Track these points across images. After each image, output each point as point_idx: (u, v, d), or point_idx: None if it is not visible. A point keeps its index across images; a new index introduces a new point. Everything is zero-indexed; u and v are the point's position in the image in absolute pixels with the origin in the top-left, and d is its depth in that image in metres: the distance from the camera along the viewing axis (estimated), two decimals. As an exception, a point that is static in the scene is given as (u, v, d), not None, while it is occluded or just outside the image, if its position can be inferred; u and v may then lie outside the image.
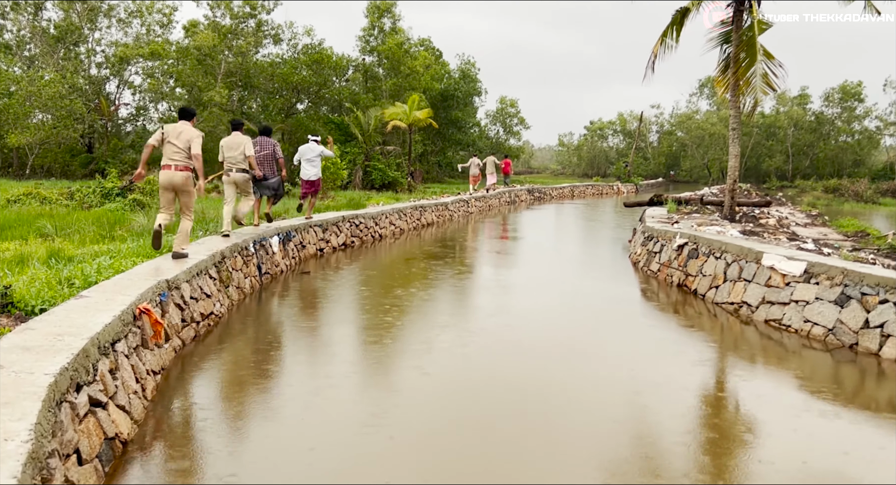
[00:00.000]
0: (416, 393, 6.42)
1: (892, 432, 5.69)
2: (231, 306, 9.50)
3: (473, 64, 50.53)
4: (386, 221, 19.45)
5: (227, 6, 37.56)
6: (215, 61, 36.61)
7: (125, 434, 4.92)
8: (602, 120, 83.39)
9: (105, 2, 37.35)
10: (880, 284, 8.01)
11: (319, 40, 41.79)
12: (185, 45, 36.94)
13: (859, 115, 65.80)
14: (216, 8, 37.71)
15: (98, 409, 4.62)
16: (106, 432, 4.62)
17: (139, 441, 5.07)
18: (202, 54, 35.66)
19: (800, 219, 18.97)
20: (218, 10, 37.75)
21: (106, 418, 4.70)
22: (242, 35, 38.06)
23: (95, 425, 4.50)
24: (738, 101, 15.59)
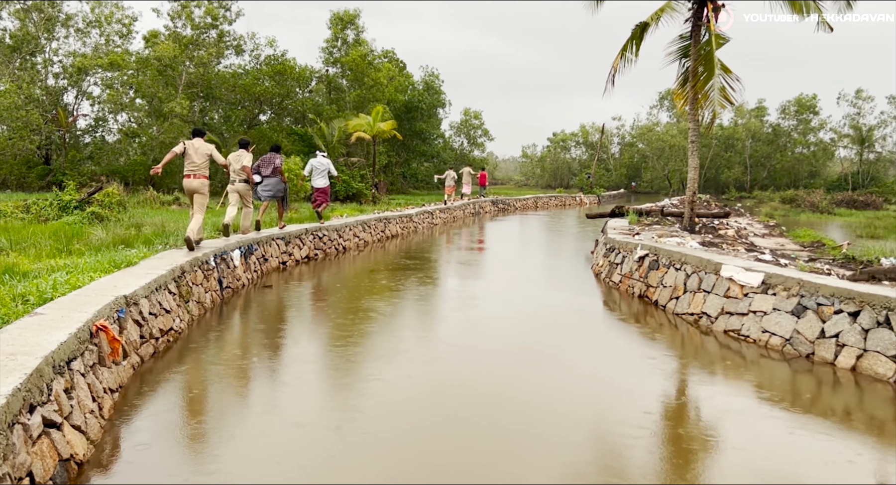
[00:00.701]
0: (381, 405, 6.38)
1: (847, 440, 5.80)
2: (191, 322, 9.37)
3: (437, 76, 50.76)
4: (350, 234, 19.38)
5: (188, 16, 37.23)
6: (176, 72, 36.24)
7: (81, 455, 4.82)
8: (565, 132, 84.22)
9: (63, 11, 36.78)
10: (835, 295, 8.18)
11: (282, 51, 41.67)
12: (145, 56, 36.52)
13: (814, 127, 67.36)
14: (177, 18, 37.38)
15: (52, 430, 4.52)
16: (60, 453, 4.52)
17: (96, 462, 4.96)
18: (163, 65, 35.29)
19: (758, 229, 19.31)
20: (179, 20, 37.43)
21: (60, 438, 4.60)
22: (204, 46, 37.75)
23: (49, 447, 4.40)
24: (696, 113, 15.85)
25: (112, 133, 39.50)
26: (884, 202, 41.91)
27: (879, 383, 7.30)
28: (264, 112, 41.57)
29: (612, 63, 16.62)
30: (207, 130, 37.12)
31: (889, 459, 5.46)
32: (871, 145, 63.33)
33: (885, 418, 6.52)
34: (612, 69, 16.64)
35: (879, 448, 5.68)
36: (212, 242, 12.34)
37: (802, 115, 66.95)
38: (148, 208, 20.34)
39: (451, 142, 59.39)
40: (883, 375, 7.36)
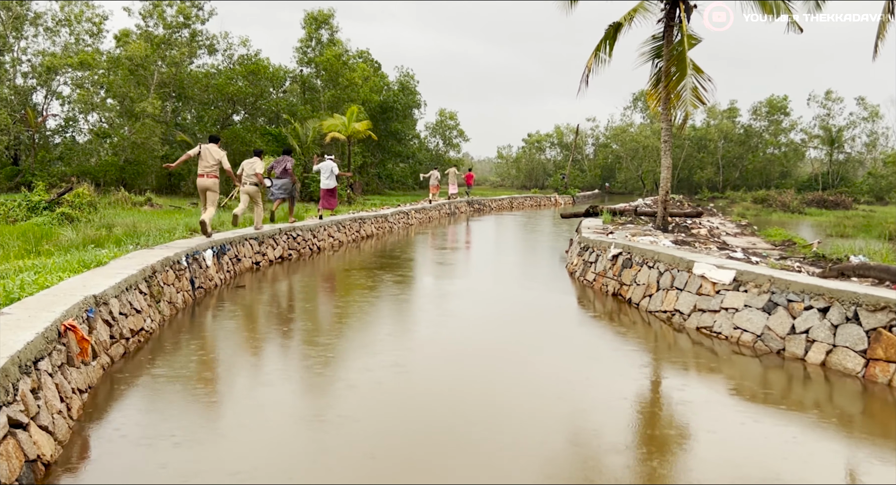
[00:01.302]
0: (355, 405, 6.35)
1: (817, 433, 5.87)
2: (162, 322, 9.27)
3: (412, 76, 50.72)
4: (324, 234, 19.29)
5: (159, 16, 36.87)
6: (148, 71, 35.87)
7: (48, 456, 4.74)
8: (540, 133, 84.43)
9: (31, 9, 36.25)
10: (805, 291, 8.28)
11: (256, 51, 41.41)
12: (116, 55, 36.09)
13: (785, 128, 68.16)
14: (149, 17, 37.01)
15: (18, 430, 4.44)
16: (27, 454, 4.44)
17: (63, 463, 4.89)
18: (134, 64, 34.90)
19: (730, 229, 19.50)
20: (150, 19, 37.06)
21: (27, 439, 4.52)
22: (176, 45, 37.40)
23: (15, 447, 4.32)
24: (669, 114, 15.97)
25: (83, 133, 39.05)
26: (853, 202, 42.54)
27: (848, 377, 7.39)
28: (238, 112, 41.28)
29: (586, 63, 16.70)
30: (180, 130, 36.80)
31: (858, 453, 5.54)
32: (840, 146, 64.24)
33: (854, 412, 6.61)
34: (585, 69, 16.71)
35: (850, 443, 5.75)
36: (183, 241, 12.22)
37: (774, 116, 67.74)
38: (119, 209, 20.09)
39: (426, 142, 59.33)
40: (852, 370, 7.46)
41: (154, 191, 31.34)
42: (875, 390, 7.00)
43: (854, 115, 63.89)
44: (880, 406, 6.70)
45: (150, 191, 29.59)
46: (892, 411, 6.57)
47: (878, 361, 7.27)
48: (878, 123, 64.27)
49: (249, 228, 15.70)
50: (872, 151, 64.90)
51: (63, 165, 34.28)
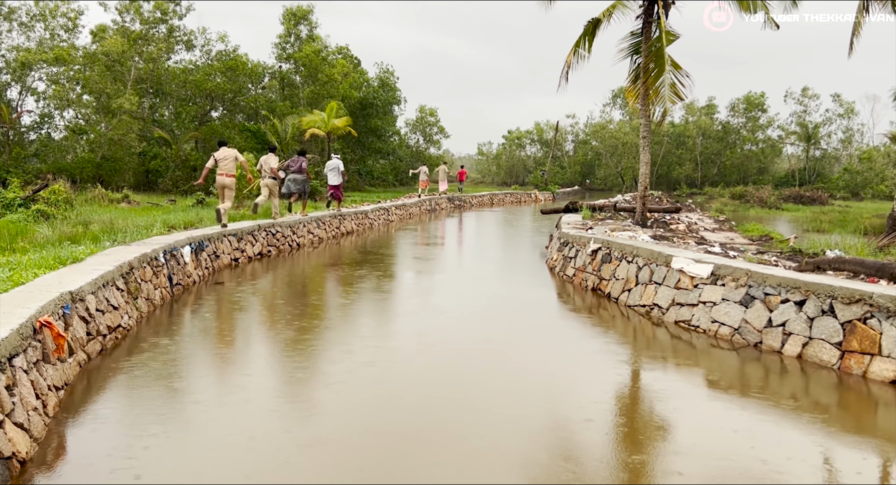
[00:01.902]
0: (334, 402, 6.34)
1: (794, 424, 5.94)
2: (140, 319, 9.19)
3: (392, 73, 50.50)
4: (304, 230, 19.21)
5: (136, 11, 36.49)
6: (125, 67, 35.50)
7: (23, 453, 4.69)
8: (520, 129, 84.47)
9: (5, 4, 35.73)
10: (781, 285, 8.36)
11: (234, 47, 41.09)
12: (92, 51, 35.65)
13: (763, 124, 68.69)
14: (125, 13, 36.61)
15: (-7, 427, 4.39)
16: (2, 451, 4.40)
17: (39, 460, 4.83)
18: (111, 60, 34.52)
19: (708, 224, 19.65)
20: (127, 14, 36.65)
21: (2, 436, 4.47)
22: (153, 41, 37.02)
23: (-10, 445, 4.27)
24: (648, 110, 16.05)
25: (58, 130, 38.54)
26: (829, 198, 42.95)
27: (824, 369, 7.48)
28: (216, 108, 40.93)
29: (566, 60, 16.74)
30: (157, 127, 36.46)
31: (834, 442, 5.61)
32: (816, 142, 64.88)
33: (830, 403, 6.69)
34: (565, 65, 16.75)
35: (826, 433, 5.82)
36: (161, 238, 12.12)
37: (751, 113, 68.22)
38: (96, 206, 19.86)
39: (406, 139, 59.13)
40: (827, 362, 7.55)
41: (131, 188, 31.04)
42: (850, 382, 7.09)
43: (830, 112, 64.57)
44: (855, 397, 6.79)
45: (127, 188, 29.31)
46: (866, 402, 6.66)
47: (853, 353, 7.36)
48: (854, 120, 65.04)
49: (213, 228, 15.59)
50: (848, 148, 65.63)
51: (38, 162, 33.82)
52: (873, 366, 7.13)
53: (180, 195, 29.39)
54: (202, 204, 21.89)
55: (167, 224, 14.11)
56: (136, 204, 22.37)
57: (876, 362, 7.12)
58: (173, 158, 33.77)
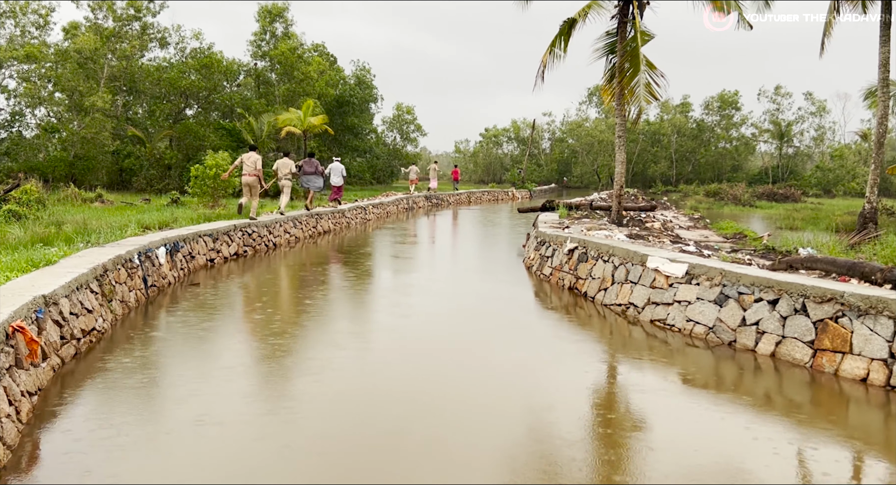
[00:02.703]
0: (312, 404, 6.33)
1: (767, 422, 6.02)
2: (115, 321, 9.11)
3: (369, 70, 50.37)
4: (280, 230, 19.12)
5: (109, 8, 36.04)
6: (97, 65, 35.07)
7: (-4, 461, 4.63)
8: (497, 127, 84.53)
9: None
10: (755, 284, 8.47)
11: (209, 44, 40.74)
12: (64, 48, 35.17)
13: (736, 122, 69.42)
14: (98, 9, 36.15)
15: (-35, 435, 4.33)
16: (-26, 459, 4.34)
17: (13, 468, 4.78)
18: (83, 57, 34.09)
19: (683, 222, 19.83)
20: (100, 11, 36.20)
21: (-26, 444, 4.41)
22: (126, 38, 36.60)
23: (-38, 453, 4.21)
24: (623, 109, 16.17)
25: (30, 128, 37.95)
26: (802, 195, 43.52)
27: (797, 367, 7.59)
28: (190, 106, 40.56)
29: (542, 59, 16.79)
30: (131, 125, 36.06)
31: (806, 439, 5.69)
32: (789, 140, 65.73)
33: (802, 401, 6.79)
34: (541, 65, 16.81)
35: (798, 430, 5.90)
36: (136, 239, 12.00)
37: (725, 111, 68.90)
38: (69, 206, 19.64)
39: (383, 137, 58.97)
40: (800, 360, 7.66)
41: (105, 187, 30.69)
42: (822, 380, 7.20)
43: (802, 110, 65.45)
44: (827, 395, 6.90)
45: (100, 187, 28.99)
46: (837, 400, 6.77)
47: (824, 352, 7.48)
48: (826, 118, 66.04)
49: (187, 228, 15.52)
50: (820, 145, 66.56)
51: (9, 161, 33.32)
52: (844, 364, 7.24)
53: (155, 194, 29.13)
54: (177, 203, 21.71)
55: (142, 224, 13.98)
56: (109, 203, 22.14)
57: (847, 361, 7.23)
58: (147, 156, 33.45)
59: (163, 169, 33.59)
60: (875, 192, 16.06)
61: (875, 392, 6.78)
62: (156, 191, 30.76)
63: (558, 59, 16.79)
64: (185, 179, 24.13)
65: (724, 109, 68.86)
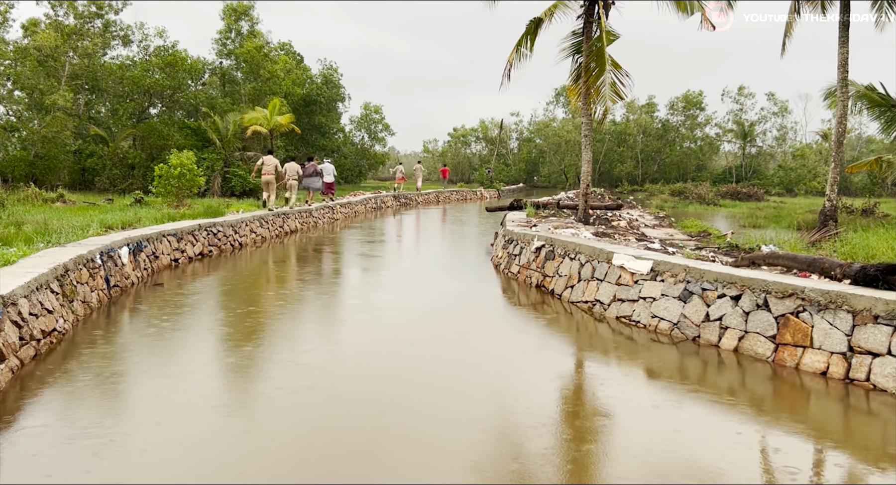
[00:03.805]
0: (280, 405, 6.28)
1: (731, 416, 6.10)
2: (76, 322, 8.95)
3: (336, 69, 50.14)
4: (246, 229, 18.95)
5: (70, 5, 35.40)
6: (58, 63, 34.42)
7: (-49, 464, 4.52)
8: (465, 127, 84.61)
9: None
10: (718, 280, 8.58)
11: (173, 42, 40.17)
12: (23, 45, 34.48)
13: (701, 122, 70.27)
14: (58, 6, 35.48)
15: (-82, 438, 4.22)
16: (-72, 463, 4.23)
17: (-31, 471, 4.67)
18: (43, 55, 33.42)
19: (649, 221, 20.03)
20: (60, 8, 35.52)
21: (-72, 447, 4.30)
22: (88, 36, 35.97)
23: (-85, 457, 4.10)
24: (589, 108, 16.28)
25: (-12, 127, 37.15)
26: (765, 194, 44.20)
27: (759, 362, 7.70)
28: (154, 105, 39.99)
29: (508, 58, 16.86)
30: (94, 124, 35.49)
31: (769, 433, 5.78)
32: (752, 140, 66.74)
33: (765, 395, 6.89)
34: (507, 64, 16.86)
35: (761, 424, 5.99)
36: (98, 239, 11.81)
37: (690, 111, 69.69)
38: (29, 206, 19.25)
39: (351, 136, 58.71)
40: (762, 354, 7.78)
41: (66, 187, 30.16)
42: (784, 374, 7.32)
43: (765, 110, 66.52)
44: (788, 389, 7.01)
45: (62, 187, 28.47)
46: (799, 393, 6.88)
47: (786, 346, 7.60)
48: (788, 118, 67.16)
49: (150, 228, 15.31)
50: (782, 145, 67.66)
51: (-33, 160, 32.61)
52: (805, 358, 7.37)
53: (118, 194, 28.69)
54: (140, 203, 21.41)
55: (104, 224, 13.76)
56: (71, 203, 21.76)
57: (808, 355, 7.36)
58: (110, 155, 32.94)
59: (126, 168, 33.10)
60: (835, 190, 16.36)
61: (835, 385, 6.90)
62: (119, 191, 30.29)
63: (525, 58, 16.86)
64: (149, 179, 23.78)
65: (688, 110, 69.66)
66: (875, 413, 6.26)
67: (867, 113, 21.33)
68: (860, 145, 66.60)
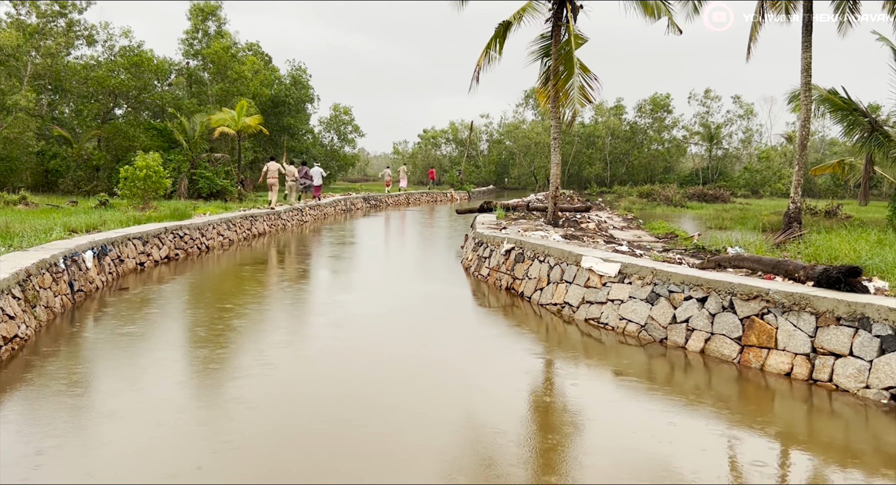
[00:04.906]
0: (247, 406, 6.21)
1: (696, 417, 6.16)
2: (39, 328, 8.78)
3: (305, 70, 49.86)
4: (213, 232, 18.75)
5: (32, 4, 34.80)
6: (20, 63, 33.78)
7: None
8: (435, 128, 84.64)
9: None
10: (685, 282, 8.67)
11: (139, 43, 39.63)
12: (-16, 45, 33.80)
13: (668, 125, 71.07)
14: (20, 5, 34.86)
15: None
16: None
17: (-75, 483, 4.56)
18: (4, 55, 32.77)
19: (617, 222, 20.19)
20: (22, 7, 34.90)
21: None
22: (51, 35, 35.38)
23: None
24: (558, 111, 16.36)
25: (-53, 128, 36.35)
26: (731, 195, 44.77)
27: (725, 363, 7.80)
28: (120, 106, 39.43)
29: (477, 61, 16.89)
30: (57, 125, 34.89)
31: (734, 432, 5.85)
32: (718, 142, 67.66)
33: (731, 395, 6.97)
34: (476, 67, 16.89)
35: (727, 423, 6.06)
36: (61, 242, 11.60)
37: (657, 114, 70.47)
38: (-10, 208, 18.88)
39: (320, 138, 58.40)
40: (728, 356, 7.87)
41: (29, 189, 29.62)
42: (749, 375, 7.41)
43: (731, 113, 67.48)
44: (753, 389, 7.10)
45: (24, 189, 27.96)
46: (763, 394, 6.98)
47: (751, 348, 7.70)
48: (753, 121, 68.20)
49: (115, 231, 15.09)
50: (748, 147, 68.66)
51: (-75, 162, 31.88)
52: (770, 359, 7.47)
53: (82, 196, 28.25)
54: (106, 205, 21.08)
55: (68, 227, 13.52)
56: (34, 206, 21.37)
57: (772, 356, 7.46)
58: (74, 157, 32.42)
59: (91, 170, 32.58)
60: (799, 192, 16.60)
61: (798, 386, 7.00)
62: (83, 193, 29.82)
63: (494, 61, 16.90)
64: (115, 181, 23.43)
65: (656, 112, 70.42)
66: (837, 413, 6.37)
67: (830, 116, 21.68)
68: (823, 148, 67.78)
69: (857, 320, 6.83)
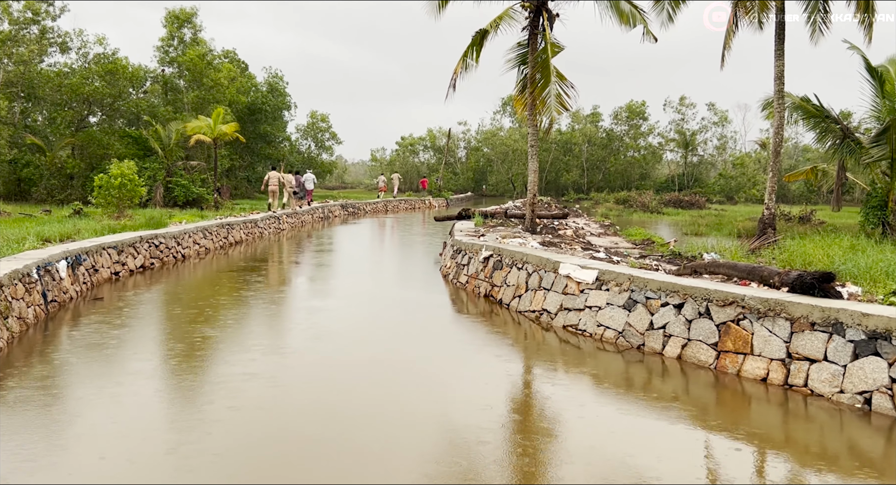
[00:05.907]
0: (225, 414, 6.15)
1: (673, 423, 6.20)
2: (11, 339, 8.65)
3: (281, 77, 49.66)
4: (189, 241, 18.60)
5: (4, 10, 34.40)
6: (-8, 70, 33.40)
7: None
8: (413, 136, 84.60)
9: None
10: (662, 289, 8.73)
11: (113, 50, 39.24)
12: (-45, 52, 33.36)
13: (644, 132, 71.57)
14: (-8, 12, 34.45)
15: None
16: None
17: None
18: (-24, 62, 32.41)
19: (594, 229, 20.29)
20: (-6, 14, 34.50)
21: None
22: (24, 42, 34.99)
23: None
24: (535, 119, 16.43)
25: (-83, 136, 35.78)
26: (706, 202, 45.19)
27: (702, 369, 7.85)
28: (94, 114, 39.03)
29: (454, 69, 16.93)
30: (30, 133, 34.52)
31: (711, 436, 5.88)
32: (694, 149, 68.28)
33: (707, 400, 7.02)
34: (453, 74, 16.93)
35: (704, 428, 6.10)
36: (34, 252, 11.44)
37: (633, 121, 70.95)
38: (-39, 218, 18.59)
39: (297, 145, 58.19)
40: (705, 362, 7.93)
41: (1, 198, 29.27)
42: (725, 380, 7.47)
43: (706, 120, 68.09)
44: (730, 395, 7.16)
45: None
46: (739, 399, 7.03)
47: (728, 353, 7.76)
48: (727, 127, 68.89)
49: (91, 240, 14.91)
50: (723, 154, 69.34)
51: None
52: (746, 365, 7.53)
53: (56, 205, 27.89)
54: (80, 214, 20.83)
55: (41, 237, 13.34)
56: (6, 215, 21.06)
57: (748, 361, 7.53)
58: (48, 165, 32.05)
59: (65, 179, 32.24)
60: (773, 198, 16.78)
61: (774, 391, 7.07)
62: (57, 201, 29.46)
63: (471, 69, 16.95)
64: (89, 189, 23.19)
65: (632, 119, 70.90)
66: (812, 418, 6.43)
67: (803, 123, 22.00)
68: (797, 154, 68.60)
69: (831, 326, 6.91)
